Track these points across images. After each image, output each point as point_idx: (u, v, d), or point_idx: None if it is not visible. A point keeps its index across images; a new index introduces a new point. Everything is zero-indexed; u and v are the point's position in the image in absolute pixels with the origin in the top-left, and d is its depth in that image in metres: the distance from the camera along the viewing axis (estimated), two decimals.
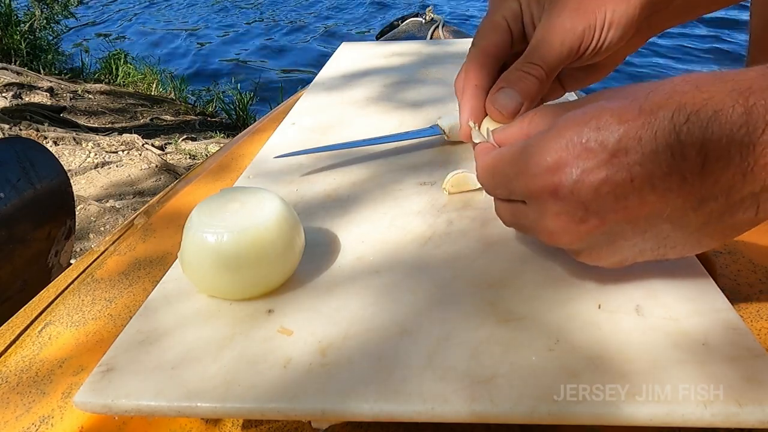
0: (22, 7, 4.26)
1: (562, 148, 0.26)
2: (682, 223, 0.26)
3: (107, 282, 0.46)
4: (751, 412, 0.24)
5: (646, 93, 0.26)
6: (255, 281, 0.33)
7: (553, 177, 0.27)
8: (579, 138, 0.26)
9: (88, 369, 0.38)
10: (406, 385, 0.27)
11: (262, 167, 0.50)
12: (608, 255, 0.29)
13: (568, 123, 0.27)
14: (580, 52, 0.36)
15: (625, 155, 0.25)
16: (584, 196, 0.26)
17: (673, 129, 0.24)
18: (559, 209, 0.27)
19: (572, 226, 0.27)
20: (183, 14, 6.35)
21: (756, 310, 0.36)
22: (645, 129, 0.25)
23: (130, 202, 1.94)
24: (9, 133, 2.21)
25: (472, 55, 0.38)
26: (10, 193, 0.82)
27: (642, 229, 0.27)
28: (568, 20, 0.35)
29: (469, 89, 0.37)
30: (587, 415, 0.25)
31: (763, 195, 0.25)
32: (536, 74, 0.36)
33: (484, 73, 0.37)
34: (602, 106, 0.26)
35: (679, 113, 0.24)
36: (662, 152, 0.24)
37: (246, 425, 0.33)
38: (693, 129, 0.24)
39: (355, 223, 0.40)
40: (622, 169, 0.25)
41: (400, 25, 1.90)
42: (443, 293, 0.33)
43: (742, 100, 0.24)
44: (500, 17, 0.38)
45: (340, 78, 0.72)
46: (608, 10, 0.35)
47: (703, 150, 0.24)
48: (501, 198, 0.32)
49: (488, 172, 0.32)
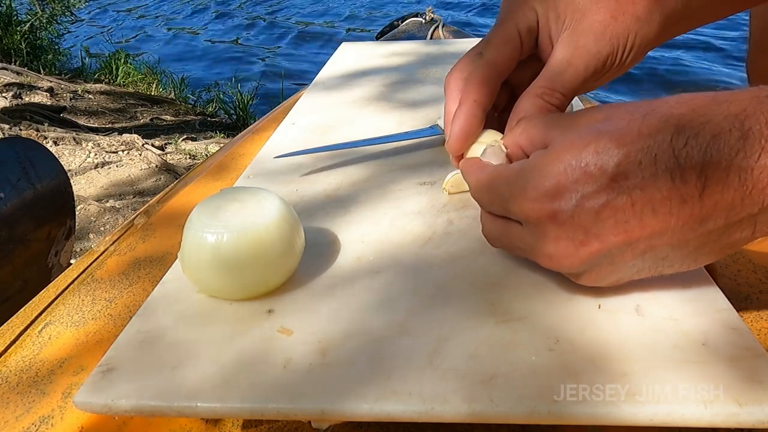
0: (23, 7, 4.26)
1: (561, 173, 0.26)
2: (681, 244, 0.26)
3: (107, 282, 0.46)
4: (751, 412, 0.24)
5: (643, 115, 0.26)
6: (255, 281, 0.33)
7: (553, 203, 0.27)
8: (578, 162, 0.26)
9: (88, 369, 0.38)
10: (406, 385, 0.27)
11: (262, 167, 0.50)
12: (607, 276, 0.29)
13: (566, 146, 0.27)
14: (598, 75, 0.35)
15: (626, 179, 0.25)
16: (585, 221, 0.26)
17: (672, 153, 0.24)
18: (559, 234, 0.27)
19: (572, 250, 0.27)
20: (182, 14, 6.35)
21: (756, 310, 0.36)
22: (644, 153, 0.25)
23: (130, 202, 1.94)
24: (9, 133, 2.21)
25: (478, 66, 0.36)
26: (10, 193, 0.82)
27: (642, 251, 0.27)
28: (594, 44, 0.34)
29: (468, 104, 0.35)
30: (587, 415, 0.25)
31: (760, 216, 0.25)
32: (558, 104, 0.34)
33: (486, 88, 0.35)
34: (599, 129, 0.26)
35: (677, 137, 0.24)
36: (662, 176, 0.25)
37: (246, 425, 0.33)
38: (692, 153, 0.24)
39: (355, 223, 0.40)
40: (623, 193, 0.25)
41: (400, 25, 1.90)
42: (443, 293, 0.33)
43: (738, 124, 0.24)
44: (513, 29, 0.36)
45: (340, 78, 0.72)
46: (630, 35, 0.34)
47: (703, 174, 0.24)
48: (497, 214, 0.32)
49: (484, 189, 0.31)
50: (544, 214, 0.27)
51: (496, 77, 0.36)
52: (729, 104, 0.25)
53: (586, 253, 0.27)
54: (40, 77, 3.33)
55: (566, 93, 0.35)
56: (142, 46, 5.22)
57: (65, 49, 4.37)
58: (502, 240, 0.32)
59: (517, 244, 0.31)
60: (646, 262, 0.28)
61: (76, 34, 5.20)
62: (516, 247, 0.31)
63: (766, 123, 0.24)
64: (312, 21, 5.74)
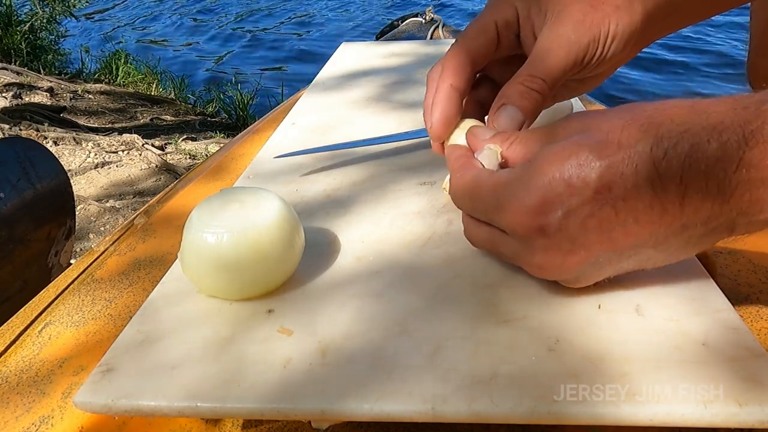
0: (24, 7, 4.26)
1: (546, 186, 0.27)
2: (664, 248, 0.27)
3: (107, 282, 0.46)
4: (751, 412, 0.24)
5: (621, 125, 0.26)
6: (255, 281, 0.33)
7: (539, 217, 0.27)
8: (561, 175, 0.26)
9: (88, 369, 0.38)
10: (406, 385, 0.27)
11: (261, 167, 0.50)
12: (593, 279, 0.30)
13: (547, 159, 0.27)
14: (584, 65, 0.36)
15: (609, 191, 0.26)
16: (571, 232, 0.27)
17: (652, 163, 0.25)
18: (547, 245, 0.28)
19: (560, 259, 0.28)
20: (184, 13, 6.35)
21: (756, 310, 0.36)
22: (625, 164, 0.25)
23: (130, 202, 1.94)
24: (9, 133, 2.21)
25: (452, 52, 0.37)
26: (10, 193, 0.82)
27: (627, 256, 0.28)
28: (573, 32, 0.35)
29: (444, 89, 0.36)
30: (587, 415, 0.25)
31: (739, 219, 0.26)
32: (539, 89, 0.35)
33: (461, 73, 0.37)
34: (578, 142, 0.26)
35: (657, 147, 0.25)
36: (643, 186, 0.25)
37: (246, 425, 0.33)
38: (672, 162, 0.25)
39: (355, 224, 0.40)
40: (606, 204, 0.26)
41: (400, 25, 1.91)
42: (443, 293, 0.33)
43: (716, 136, 0.24)
44: (491, 21, 0.38)
45: (339, 78, 0.72)
46: (612, 23, 0.35)
47: (683, 183, 0.25)
48: (480, 219, 0.32)
49: (466, 194, 0.32)
50: (532, 228, 0.28)
51: (470, 64, 0.37)
52: (707, 115, 0.25)
53: (573, 262, 0.28)
54: (40, 77, 3.34)
55: (547, 79, 0.35)
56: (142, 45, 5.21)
57: (65, 49, 4.37)
58: (486, 245, 0.32)
59: (503, 251, 0.31)
60: (630, 263, 0.29)
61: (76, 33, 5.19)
62: (502, 254, 0.32)
63: (743, 135, 0.24)
64: (312, 21, 5.74)
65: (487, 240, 0.32)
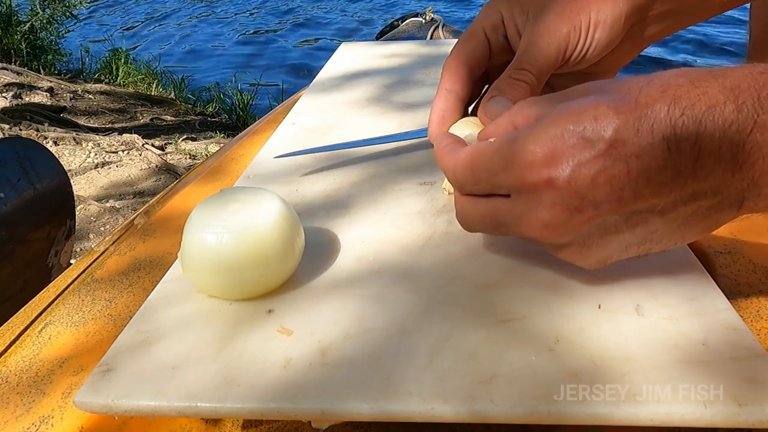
0: (24, 7, 4.26)
1: (558, 138, 0.26)
2: (672, 216, 0.27)
3: (107, 282, 0.46)
4: (751, 412, 0.24)
5: (640, 86, 0.26)
6: (255, 281, 0.33)
7: (550, 167, 0.26)
8: (575, 128, 0.26)
9: (88, 369, 0.38)
10: (406, 385, 0.27)
11: (261, 167, 0.50)
12: (596, 250, 0.28)
13: (563, 113, 0.27)
14: (567, 55, 0.37)
15: (623, 146, 0.25)
16: (581, 186, 0.26)
17: (669, 122, 0.25)
18: (555, 199, 0.27)
19: (566, 216, 0.27)
20: (183, 13, 6.36)
21: (756, 310, 0.36)
22: (642, 121, 0.25)
23: (130, 202, 1.94)
24: (9, 133, 2.21)
25: (448, 58, 0.40)
26: (10, 193, 0.82)
27: (634, 222, 0.27)
28: (553, 23, 0.36)
29: (441, 93, 0.39)
30: (587, 415, 0.25)
31: (748, 191, 0.25)
32: (526, 79, 0.36)
33: (456, 78, 0.39)
34: (597, 99, 0.26)
35: (674, 107, 0.25)
36: (658, 145, 0.25)
37: (246, 425, 0.33)
38: (688, 123, 0.25)
39: (355, 224, 0.40)
40: (620, 160, 0.25)
41: (400, 26, 1.91)
42: (443, 293, 0.33)
43: (733, 98, 0.24)
44: (479, 26, 0.40)
45: (339, 78, 0.72)
46: (592, 12, 0.36)
47: (697, 144, 0.25)
48: (480, 194, 0.31)
49: (466, 168, 0.31)
50: (540, 180, 0.27)
51: (464, 68, 0.39)
52: (724, 78, 0.25)
53: (579, 221, 0.27)
54: (40, 77, 3.34)
55: (533, 70, 0.37)
56: (143, 45, 5.21)
57: (65, 49, 4.37)
58: (485, 220, 0.31)
59: (504, 220, 0.30)
60: (636, 236, 0.28)
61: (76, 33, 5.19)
62: (501, 225, 0.30)
63: (758, 98, 0.24)
64: (312, 21, 5.74)
65: (486, 213, 0.31)
